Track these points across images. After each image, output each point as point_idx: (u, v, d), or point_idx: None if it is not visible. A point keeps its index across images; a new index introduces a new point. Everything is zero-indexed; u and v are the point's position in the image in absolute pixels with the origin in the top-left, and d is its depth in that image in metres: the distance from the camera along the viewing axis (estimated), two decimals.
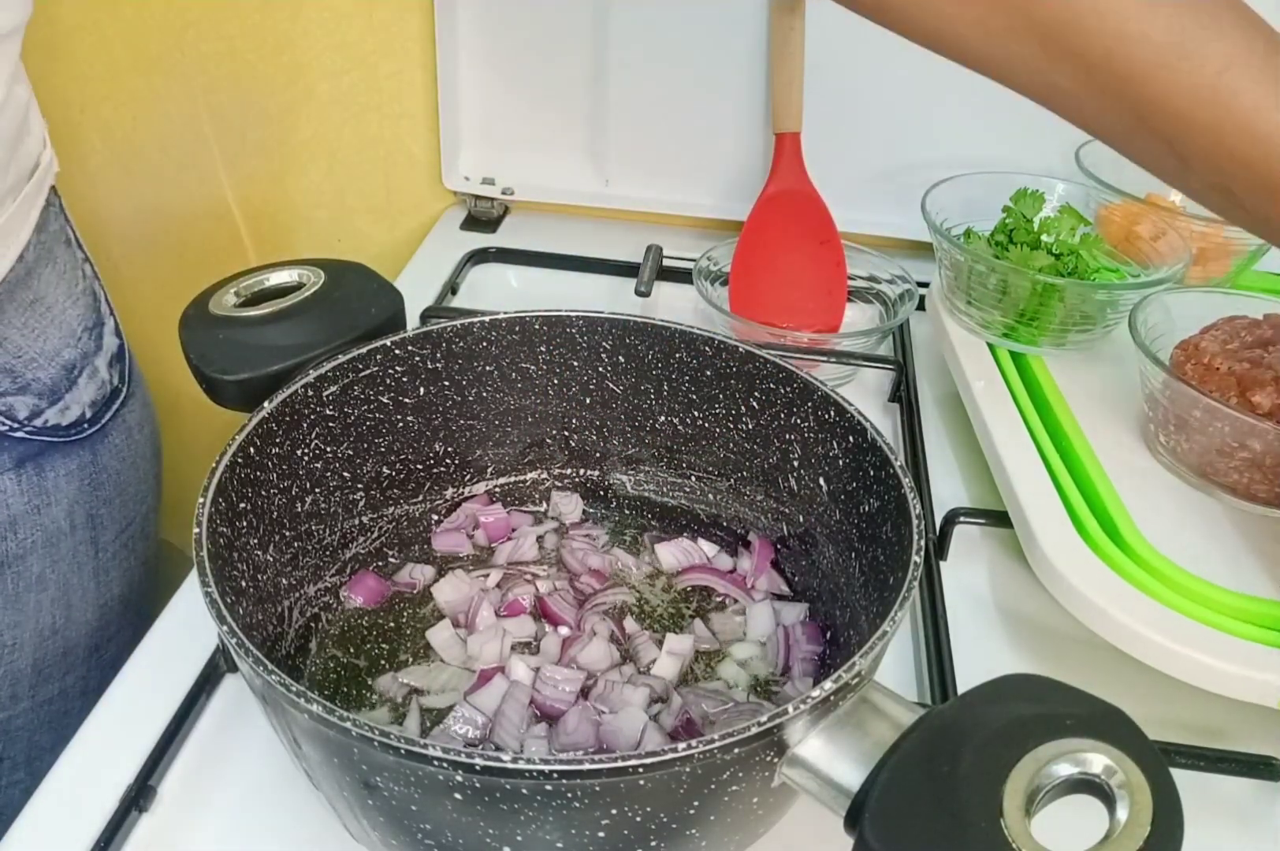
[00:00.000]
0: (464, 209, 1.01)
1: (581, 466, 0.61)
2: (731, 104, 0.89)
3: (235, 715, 0.51)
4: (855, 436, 0.49)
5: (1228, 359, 0.58)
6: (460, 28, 0.89)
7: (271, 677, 0.34)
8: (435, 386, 0.55)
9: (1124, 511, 0.57)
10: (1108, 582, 0.52)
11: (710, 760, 0.33)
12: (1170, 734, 0.51)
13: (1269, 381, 0.56)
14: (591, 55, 0.89)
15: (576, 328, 0.56)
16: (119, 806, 0.46)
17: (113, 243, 1.09)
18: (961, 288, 0.72)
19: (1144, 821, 0.30)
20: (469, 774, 0.32)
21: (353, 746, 0.34)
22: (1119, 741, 0.32)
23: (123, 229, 1.08)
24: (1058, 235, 0.70)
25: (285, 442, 0.49)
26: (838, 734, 0.36)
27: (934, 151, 0.89)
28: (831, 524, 0.52)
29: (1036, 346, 0.70)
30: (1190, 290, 0.67)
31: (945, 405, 0.77)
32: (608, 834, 0.36)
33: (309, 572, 0.52)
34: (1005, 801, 0.31)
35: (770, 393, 0.53)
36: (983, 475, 0.66)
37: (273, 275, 0.55)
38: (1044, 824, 0.32)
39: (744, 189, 0.92)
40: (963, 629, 0.57)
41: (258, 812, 0.48)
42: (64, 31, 0.94)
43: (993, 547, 0.65)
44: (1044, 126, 0.87)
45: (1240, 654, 0.48)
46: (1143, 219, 0.72)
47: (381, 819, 0.38)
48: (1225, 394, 0.57)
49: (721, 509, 0.59)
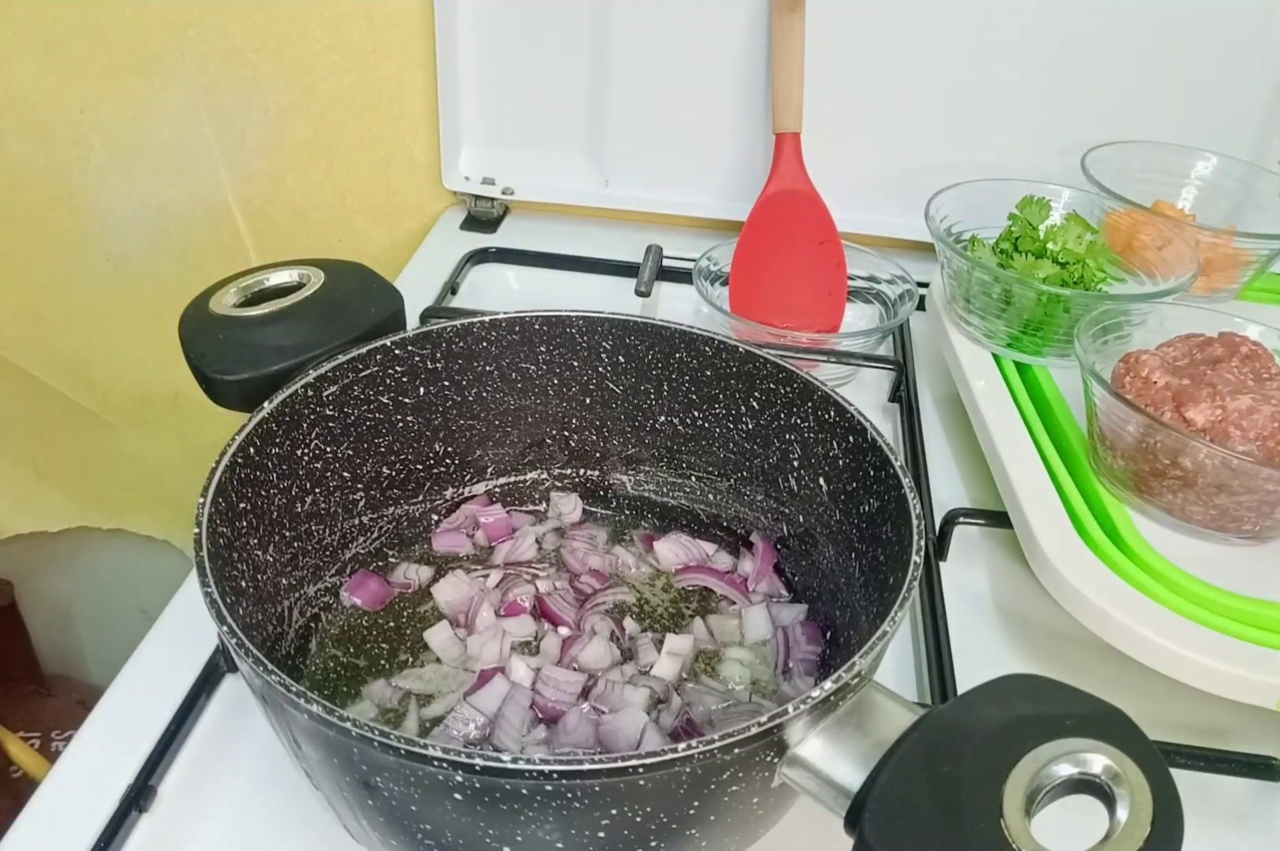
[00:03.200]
0: (464, 209, 1.01)
1: (581, 466, 0.61)
2: (731, 104, 0.89)
3: (235, 715, 0.51)
4: (855, 436, 0.49)
5: (1167, 373, 0.56)
6: (460, 28, 0.89)
7: (271, 678, 0.34)
8: (435, 386, 0.55)
9: (1124, 512, 0.57)
10: (1107, 583, 0.52)
11: (710, 760, 0.33)
12: (1170, 734, 0.51)
13: (1205, 398, 0.54)
14: (591, 55, 0.89)
15: (576, 328, 0.56)
16: (119, 806, 0.46)
17: (113, 243, 1.09)
18: (965, 296, 0.71)
19: (1144, 821, 0.30)
20: (469, 774, 0.32)
21: (352, 746, 0.34)
22: (1119, 741, 0.32)
23: (123, 229, 1.08)
24: (1064, 243, 0.70)
25: (285, 443, 0.49)
26: (838, 734, 0.36)
27: (937, 154, 0.89)
28: (831, 524, 0.52)
29: (1041, 357, 0.70)
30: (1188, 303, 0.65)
31: (945, 405, 0.77)
32: (608, 834, 0.36)
33: (309, 573, 0.52)
34: (1005, 801, 0.31)
35: (770, 393, 0.53)
36: (983, 475, 0.66)
37: (273, 275, 0.55)
38: (1044, 824, 0.32)
39: (744, 189, 0.92)
40: (963, 629, 0.57)
41: (258, 812, 0.48)
42: (64, 31, 0.94)
43: (993, 548, 0.65)
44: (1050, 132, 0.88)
45: (1239, 655, 0.48)
46: (1148, 227, 0.72)
47: (381, 819, 0.38)
48: (1159, 409, 0.55)
49: (721, 509, 0.59)
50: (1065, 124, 0.86)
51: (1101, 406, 0.57)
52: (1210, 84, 0.84)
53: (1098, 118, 0.85)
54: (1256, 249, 0.73)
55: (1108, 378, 0.58)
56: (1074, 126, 0.85)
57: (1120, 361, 0.59)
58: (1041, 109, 0.87)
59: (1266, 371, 0.57)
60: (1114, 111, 0.85)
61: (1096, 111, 0.86)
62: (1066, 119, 0.86)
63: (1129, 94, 0.85)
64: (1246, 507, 0.53)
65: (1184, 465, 0.53)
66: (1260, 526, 0.55)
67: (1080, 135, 0.82)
